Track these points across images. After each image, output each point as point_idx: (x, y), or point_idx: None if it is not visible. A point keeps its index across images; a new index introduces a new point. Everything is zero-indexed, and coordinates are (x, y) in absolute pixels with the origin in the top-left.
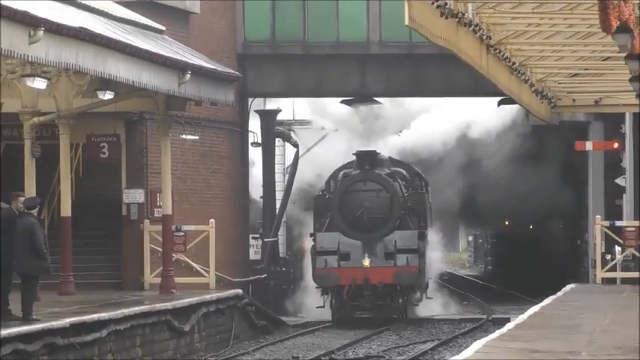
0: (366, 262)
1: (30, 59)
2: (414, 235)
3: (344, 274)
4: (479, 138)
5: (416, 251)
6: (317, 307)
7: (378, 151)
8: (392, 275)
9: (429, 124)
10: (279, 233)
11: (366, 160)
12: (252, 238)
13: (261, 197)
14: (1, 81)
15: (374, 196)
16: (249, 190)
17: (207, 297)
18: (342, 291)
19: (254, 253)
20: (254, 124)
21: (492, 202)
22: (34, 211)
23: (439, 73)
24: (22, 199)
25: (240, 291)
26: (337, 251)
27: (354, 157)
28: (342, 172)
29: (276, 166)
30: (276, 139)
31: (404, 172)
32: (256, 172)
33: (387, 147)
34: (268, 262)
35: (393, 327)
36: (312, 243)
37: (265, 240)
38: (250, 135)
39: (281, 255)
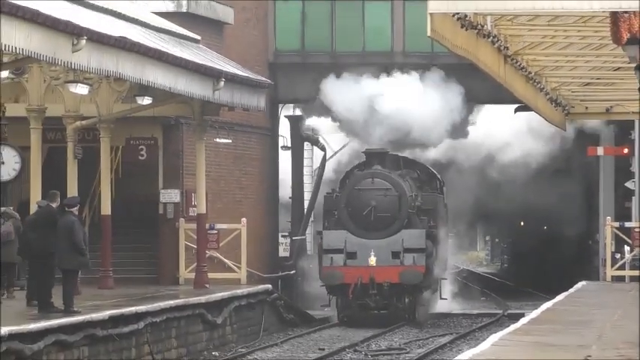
0: (372, 261)
1: (73, 66)
2: (421, 234)
3: (350, 272)
4: (502, 146)
5: (423, 251)
6: (322, 306)
7: (388, 150)
8: (398, 274)
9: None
10: (306, 232)
11: (376, 159)
12: (282, 236)
13: (290, 198)
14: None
15: (382, 195)
16: (278, 190)
17: (239, 291)
18: (347, 290)
19: (283, 251)
20: (284, 128)
21: (509, 204)
22: (74, 210)
23: (459, 82)
24: (59, 197)
25: (269, 286)
26: (344, 250)
27: None
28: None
29: (304, 168)
30: (305, 143)
31: (417, 172)
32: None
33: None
34: (296, 259)
35: (414, 322)
36: (320, 241)
37: (294, 238)
38: (280, 139)
39: (308, 252)
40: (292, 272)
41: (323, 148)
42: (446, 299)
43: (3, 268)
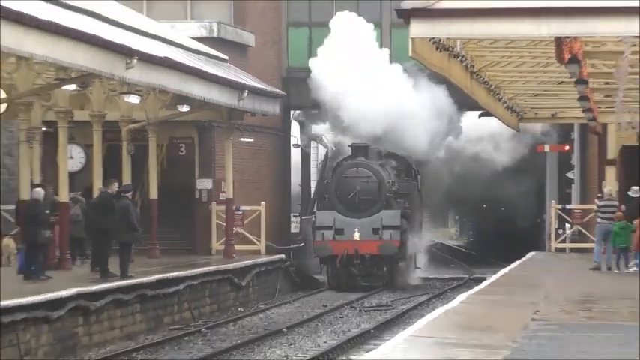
0: (357, 236)
1: (127, 81)
2: (397, 214)
3: (338, 245)
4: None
5: (398, 228)
6: (315, 274)
7: (369, 145)
8: (377, 247)
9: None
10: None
11: (360, 151)
12: (293, 216)
13: (299, 185)
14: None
15: (364, 182)
16: (290, 179)
17: (259, 260)
18: (335, 260)
19: (294, 228)
20: (295, 130)
21: (475, 192)
22: (129, 195)
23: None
24: (115, 184)
25: (283, 256)
26: (333, 227)
27: None
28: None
29: (311, 161)
30: (311, 142)
31: (396, 162)
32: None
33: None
34: (304, 235)
35: (392, 286)
36: (313, 220)
37: (302, 217)
38: (292, 138)
39: None
40: (301, 245)
41: (326, 146)
42: (420, 268)
43: (74, 243)
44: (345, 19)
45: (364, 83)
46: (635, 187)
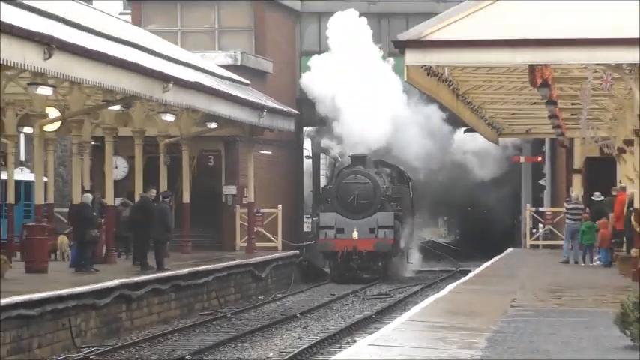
0: (355, 235)
1: (163, 102)
2: (390, 216)
3: (339, 243)
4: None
5: (392, 228)
6: (321, 267)
7: (367, 154)
8: (373, 244)
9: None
10: None
11: (358, 161)
12: (305, 217)
13: (311, 191)
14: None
15: (362, 187)
16: (303, 186)
17: (276, 255)
18: (337, 256)
19: (306, 227)
20: (306, 143)
21: (461, 195)
22: (168, 200)
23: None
24: (153, 190)
25: (297, 252)
26: (334, 226)
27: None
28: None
29: (320, 171)
30: (321, 154)
31: (390, 170)
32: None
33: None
34: (315, 233)
35: (391, 277)
36: (317, 220)
37: (313, 219)
38: (304, 151)
39: None
40: (312, 242)
41: (333, 157)
42: (411, 263)
43: (120, 241)
44: (341, 18)
45: (365, 88)
46: (598, 193)
